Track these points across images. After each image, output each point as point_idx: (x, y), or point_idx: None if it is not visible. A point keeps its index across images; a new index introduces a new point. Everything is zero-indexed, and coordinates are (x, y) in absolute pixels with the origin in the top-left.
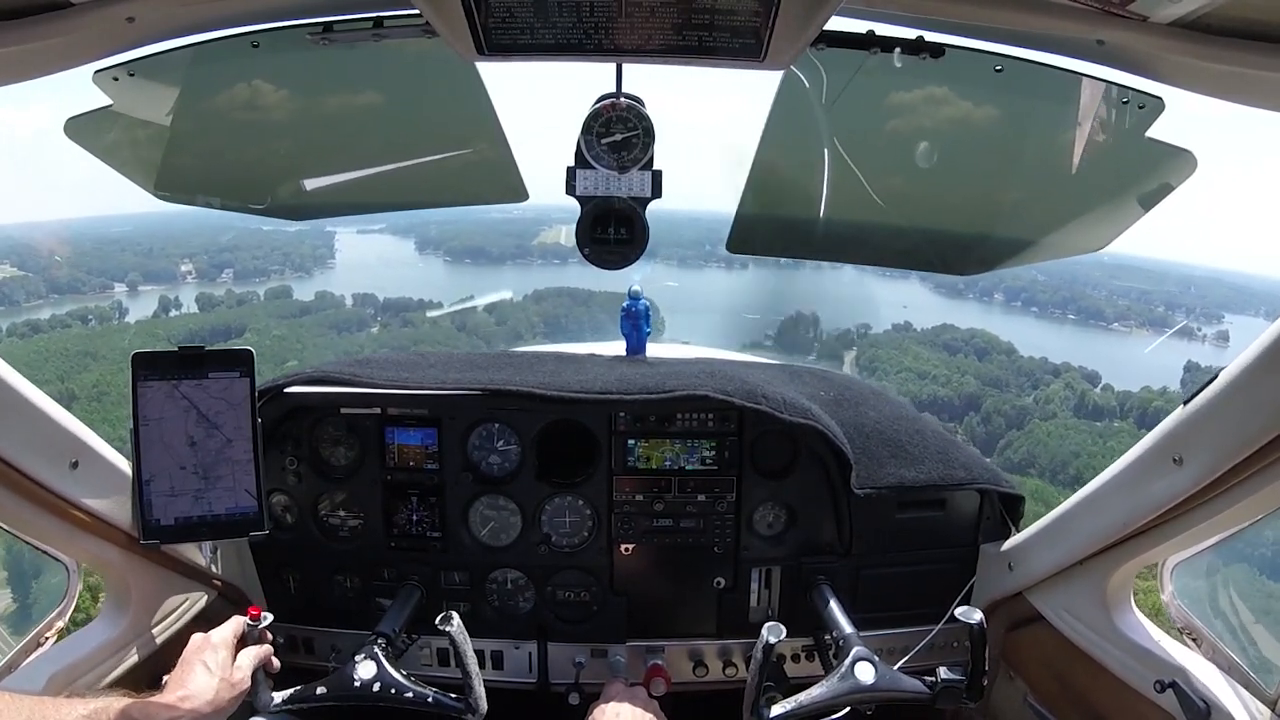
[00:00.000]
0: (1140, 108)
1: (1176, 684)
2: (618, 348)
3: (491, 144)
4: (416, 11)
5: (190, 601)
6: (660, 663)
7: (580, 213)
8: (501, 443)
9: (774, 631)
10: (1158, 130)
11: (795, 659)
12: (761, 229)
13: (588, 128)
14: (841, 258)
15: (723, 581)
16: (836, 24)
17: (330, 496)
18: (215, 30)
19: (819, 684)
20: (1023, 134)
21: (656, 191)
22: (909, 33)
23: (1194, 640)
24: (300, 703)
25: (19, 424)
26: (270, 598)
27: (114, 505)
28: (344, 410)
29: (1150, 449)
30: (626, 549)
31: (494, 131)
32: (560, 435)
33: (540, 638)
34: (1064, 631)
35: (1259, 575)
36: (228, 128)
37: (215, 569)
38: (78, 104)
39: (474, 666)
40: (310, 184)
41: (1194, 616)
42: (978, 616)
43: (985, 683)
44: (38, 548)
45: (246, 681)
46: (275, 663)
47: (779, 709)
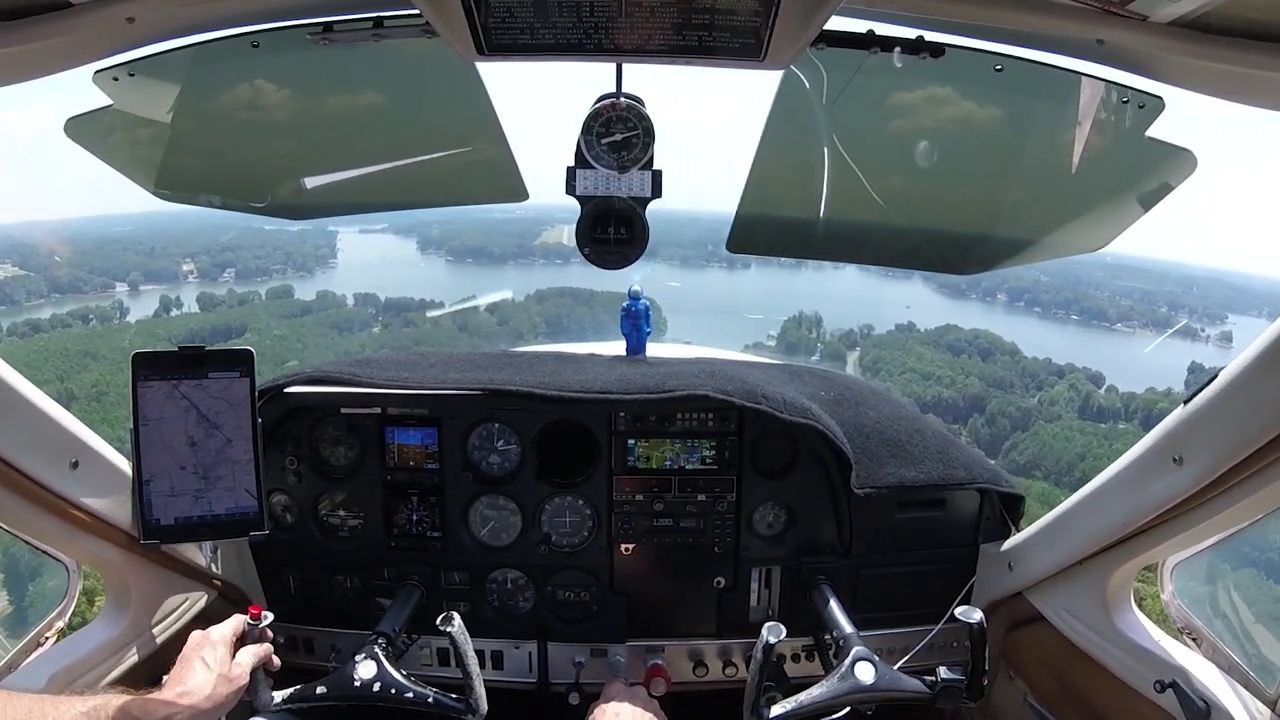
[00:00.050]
0: (1140, 107)
1: (1176, 684)
2: (618, 348)
3: (491, 144)
4: (416, 11)
5: (190, 601)
6: (660, 662)
7: (580, 213)
8: (501, 443)
9: (774, 631)
10: (1158, 130)
11: (795, 659)
12: (761, 229)
13: (588, 128)
14: (841, 257)
15: (723, 581)
16: (836, 24)
17: (330, 496)
18: (215, 30)
19: (819, 684)
20: (1023, 134)
21: (656, 191)
22: (909, 32)
23: (1194, 640)
24: (300, 702)
25: (19, 424)
26: (270, 598)
27: (114, 505)
28: (344, 410)
29: (1150, 449)
30: (626, 549)
31: (494, 131)
32: (560, 435)
33: (540, 638)
34: (1064, 631)
35: (1260, 575)
36: (228, 127)
37: (215, 569)
38: (79, 104)
39: (474, 667)
40: (311, 183)
41: (1194, 616)
42: (978, 616)
43: (985, 683)
44: (38, 548)
45: (245, 679)
46: (275, 661)
47: (779, 709)
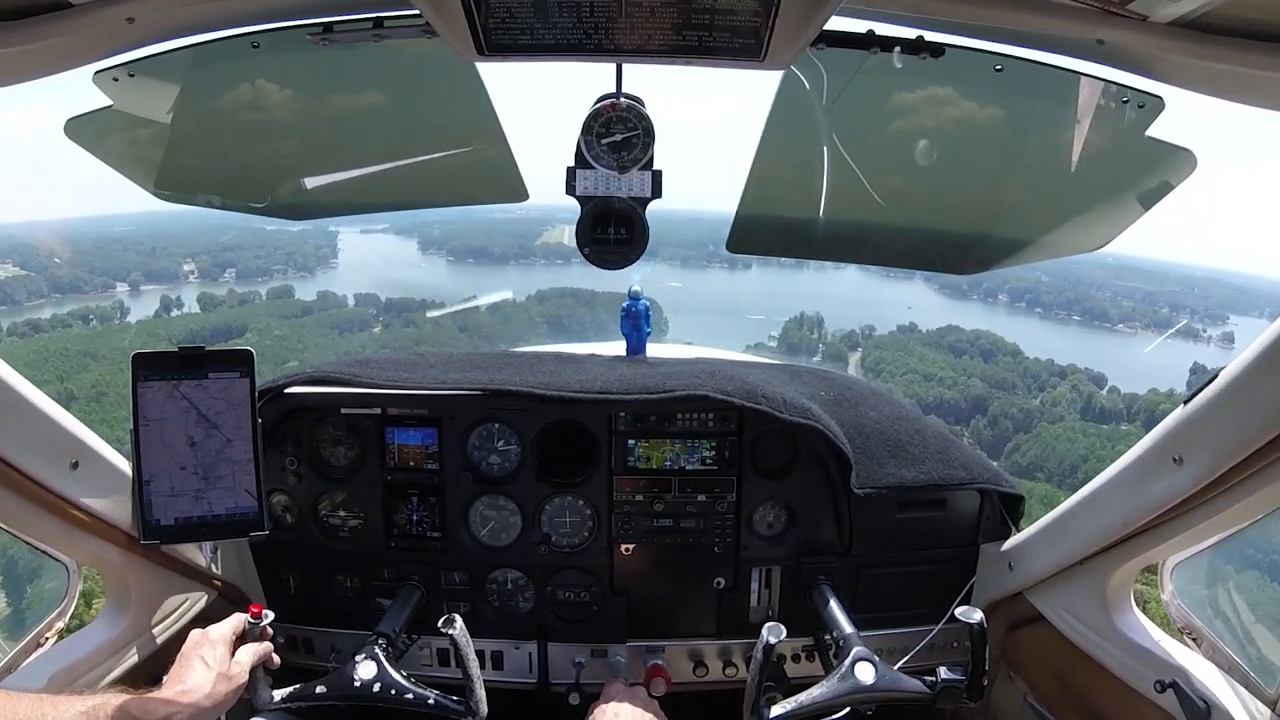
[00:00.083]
0: (1140, 107)
1: (1176, 684)
2: (618, 348)
3: (491, 144)
4: (416, 11)
5: (190, 601)
6: (660, 663)
7: (580, 213)
8: (501, 443)
9: (774, 631)
10: (1158, 130)
11: (795, 659)
12: (761, 229)
13: (588, 128)
14: (841, 257)
15: (723, 581)
16: (836, 24)
17: (330, 496)
18: (215, 30)
19: (819, 684)
20: (1022, 133)
21: (656, 191)
22: (909, 32)
23: (1194, 640)
24: (299, 701)
25: (19, 424)
26: (270, 598)
27: (114, 505)
28: (344, 410)
29: (1150, 449)
30: (626, 549)
31: (494, 131)
32: (560, 435)
33: (540, 638)
34: (1064, 631)
35: (1261, 575)
36: (228, 128)
37: (215, 569)
38: (79, 104)
39: (476, 670)
40: (310, 184)
41: (1194, 616)
42: (978, 616)
43: (985, 683)
44: (38, 548)
45: (244, 677)
46: (275, 659)
47: (779, 709)
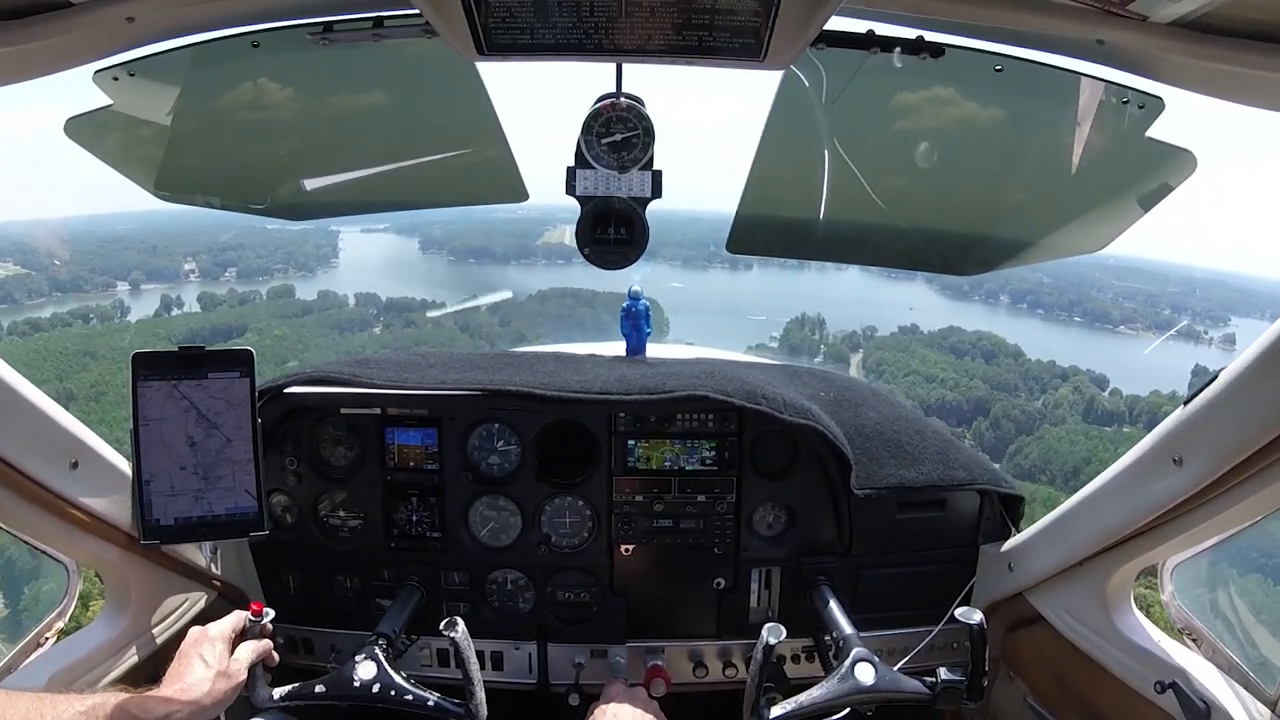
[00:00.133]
0: (1140, 107)
1: (1176, 684)
2: (618, 348)
3: (492, 144)
4: (416, 11)
5: (190, 602)
6: (660, 663)
7: (580, 213)
8: (501, 443)
9: (774, 632)
10: (1158, 130)
11: (795, 659)
12: (761, 229)
13: (588, 128)
14: (841, 258)
15: (723, 582)
16: (836, 24)
17: (330, 496)
18: (215, 30)
19: (819, 685)
20: (1022, 134)
21: (656, 191)
22: (909, 32)
23: (1194, 640)
24: (298, 700)
25: (19, 424)
26: (270, 598)
27: (114, 505)
28: (344, 410)
29: (1150, 449)
30: (626, 549)
31: (494, 131)
32: (560, 435)
33: (540, 638)
34: (1064, 632)
35: (1261, 576)
36: (228, 128)
37: (215, 569)
38: (79, 104)
39: (476, 673)
40: (310, 184)
41: (1194, 617)
42: (978, 617)
43: (985, 683)
44: (37, 548)
45: (243, 674)
46: (275, 657)
47: (779, 710)
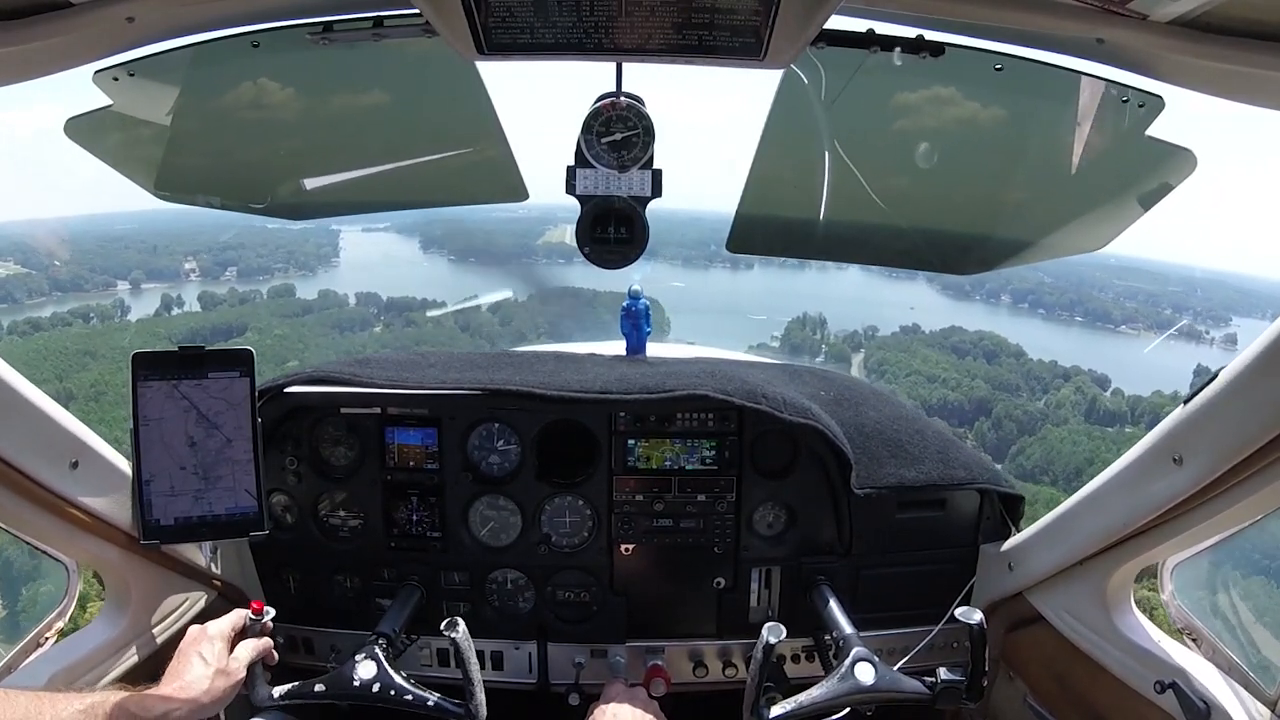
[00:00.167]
0: (1140, 106)
1: (1176, 684)
2: (618, 347)
3: (492, 144)
4: (416, 11)
5: (190, 601)
6: (660, 663)
7: (580, 212)
8: (501, 442)
9: (774, 632)
10: (1158, 129)
11: (795, 659)
12: (761, 229)
13: (588, 127)
14: (842, 258)
15: (723, 582)
16: (836, 23)
17: (330, 496)
18: (215, 30)
19: (819, 684)
20: (1022, 133)
21: (657, 191)
22: (909, 31)
23: (1194, 641)
24: (297, 699)
25: (19, 424)
26: (270, 598)
27: (114, 505)
28: (344, 410)
29: (1150, 449)
30: (626, 549)
31: (494, 131)
32: (560, 435)
33: (540, 638)
34: (1064, 632)
35: (1261, 576)
36: (228, 127)
37: (215, 569)
38: (79, 104)
39: (476, 673)
40: (310, 184)
41: (1194, 617)
42: (978, 617)
43: (985, 683)
44: (37, 548)
45: (242, 673)
46: (274, 655)
47: (779, 709)
